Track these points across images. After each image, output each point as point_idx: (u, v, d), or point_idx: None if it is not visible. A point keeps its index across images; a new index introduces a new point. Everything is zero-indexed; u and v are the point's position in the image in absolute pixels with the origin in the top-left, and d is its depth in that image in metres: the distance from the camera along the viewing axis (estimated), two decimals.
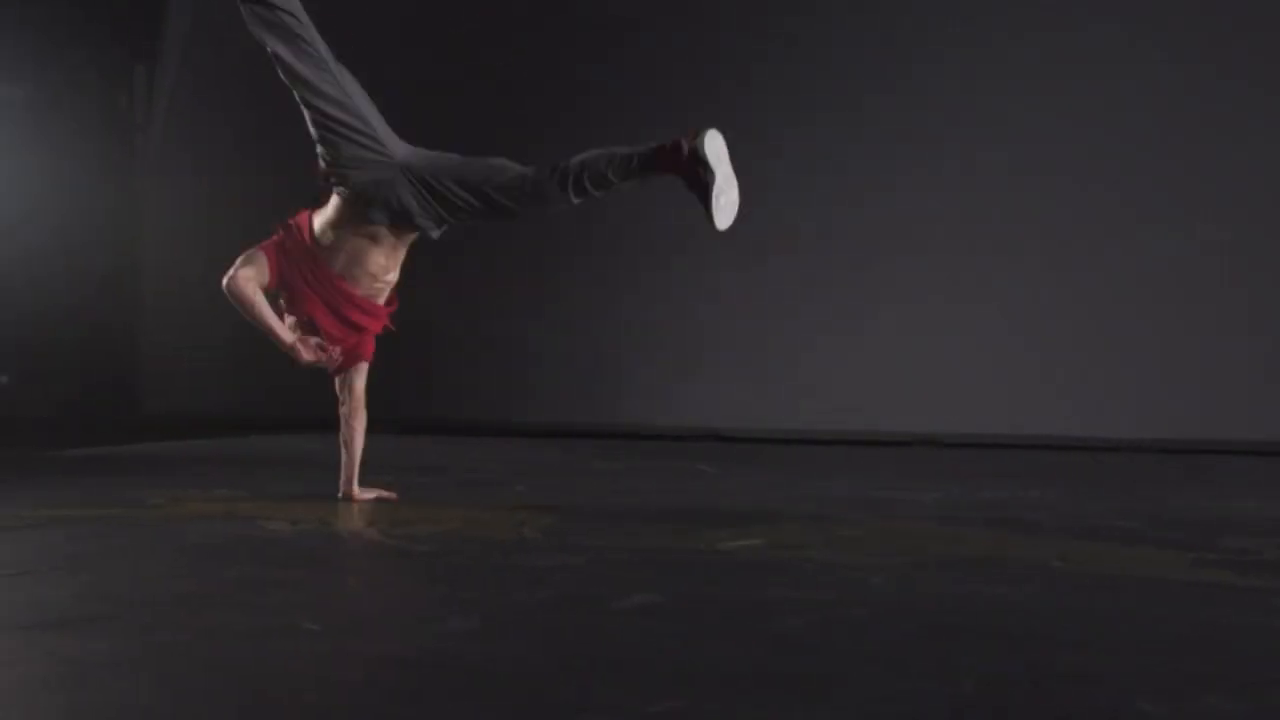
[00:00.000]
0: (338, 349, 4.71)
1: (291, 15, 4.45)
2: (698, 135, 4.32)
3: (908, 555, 3.75)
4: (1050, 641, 2.71)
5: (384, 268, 4.71)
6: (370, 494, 4.93)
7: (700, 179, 4.32)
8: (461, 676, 2.46)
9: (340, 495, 4.92)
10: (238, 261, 4.63)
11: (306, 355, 4.65)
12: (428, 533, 4.17)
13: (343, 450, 4.91)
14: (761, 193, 8.15)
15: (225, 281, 4.59)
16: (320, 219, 4.67)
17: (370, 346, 4.86)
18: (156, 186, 10.34)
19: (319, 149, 4.59)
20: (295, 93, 4.54)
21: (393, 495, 4.97)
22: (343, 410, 4.90)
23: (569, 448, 7.69)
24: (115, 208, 10.33)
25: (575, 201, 4.44)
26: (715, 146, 4.34)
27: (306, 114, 4.56)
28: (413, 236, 4.69)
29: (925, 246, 7.91)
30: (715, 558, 3.75)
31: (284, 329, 4.63)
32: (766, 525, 4.38)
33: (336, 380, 4.91)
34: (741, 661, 2.56)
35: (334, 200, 4.65)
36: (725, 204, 4.37)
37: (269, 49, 4.48)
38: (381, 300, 4.79)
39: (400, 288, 4.87)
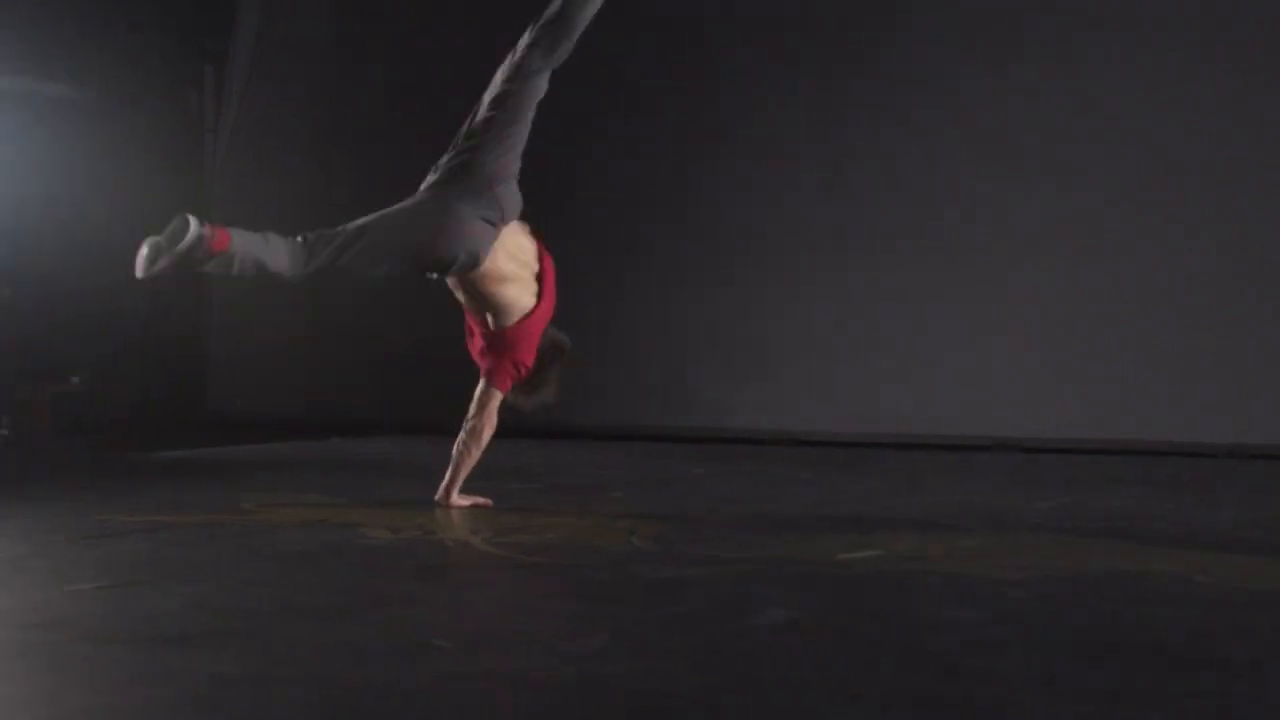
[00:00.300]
0: None
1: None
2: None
3: (1040, 569, 3.60)
4: (1228, 667, 2.55)
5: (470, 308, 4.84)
6: (466, 501, 4.82)
7: None
8: (607, 699, 2.34)
9: (437, 500, 4.82)
10: None
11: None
12: (535, 542, 4.06)
13: (454, 457, 4.83)
14: (834, 195, 8.15)
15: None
16: None
17: (501, 378, 4.80)
18: (226, 187, 10.28)
19: None
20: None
21: (488, 502, 4.86)
22: (469, 422, 4.80)
23: (650, 451, 7.55)
24: (184, 209, 10.28)
25: None
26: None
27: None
28: (451, 276, 4.71)
29: (987, 248, 7.74)
30: (839, 570, 3.62)
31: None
32: (880, 534, 4.23)
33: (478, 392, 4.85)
34: (902, 685, 2.42)
35: None
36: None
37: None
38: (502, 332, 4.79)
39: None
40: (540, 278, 4.78)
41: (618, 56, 8.54)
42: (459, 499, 4.81)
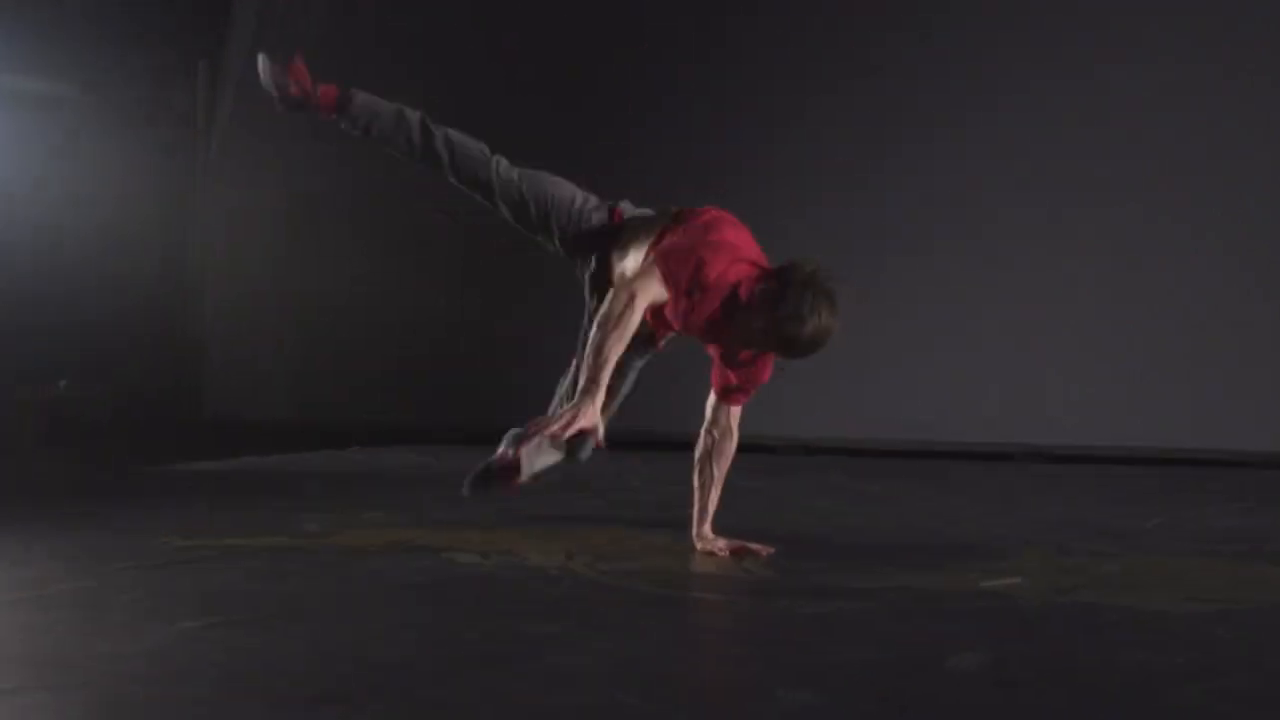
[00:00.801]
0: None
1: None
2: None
3: (1217, 599, 3.33)
4: None
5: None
6: (732, 545, 3.96)
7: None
8: None
9: (697, 544, 4.02)
10: None
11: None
12: (644, 570, 3.76)
13: (697, 487, 4.04)
14: (892, 196, 7.87)
15: None
16: None
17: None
18: (220, 186, 9.93)
19: None
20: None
21: (767, 550, 3.95)
22: (707, 439, 4.03)
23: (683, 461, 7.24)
24: (178, 208, 9.92)
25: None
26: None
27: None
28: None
29: (1000, 249, 7.53)
30: (996, 601, 3.33)
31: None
32: (1010, 559, 3.95)
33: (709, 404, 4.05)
34: None
35: None
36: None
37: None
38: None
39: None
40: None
41: (601, 56, 8.35)
42: (725, 544, 3.99)
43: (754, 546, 3.93)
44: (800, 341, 3.56)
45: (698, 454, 4.05)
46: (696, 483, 4.05)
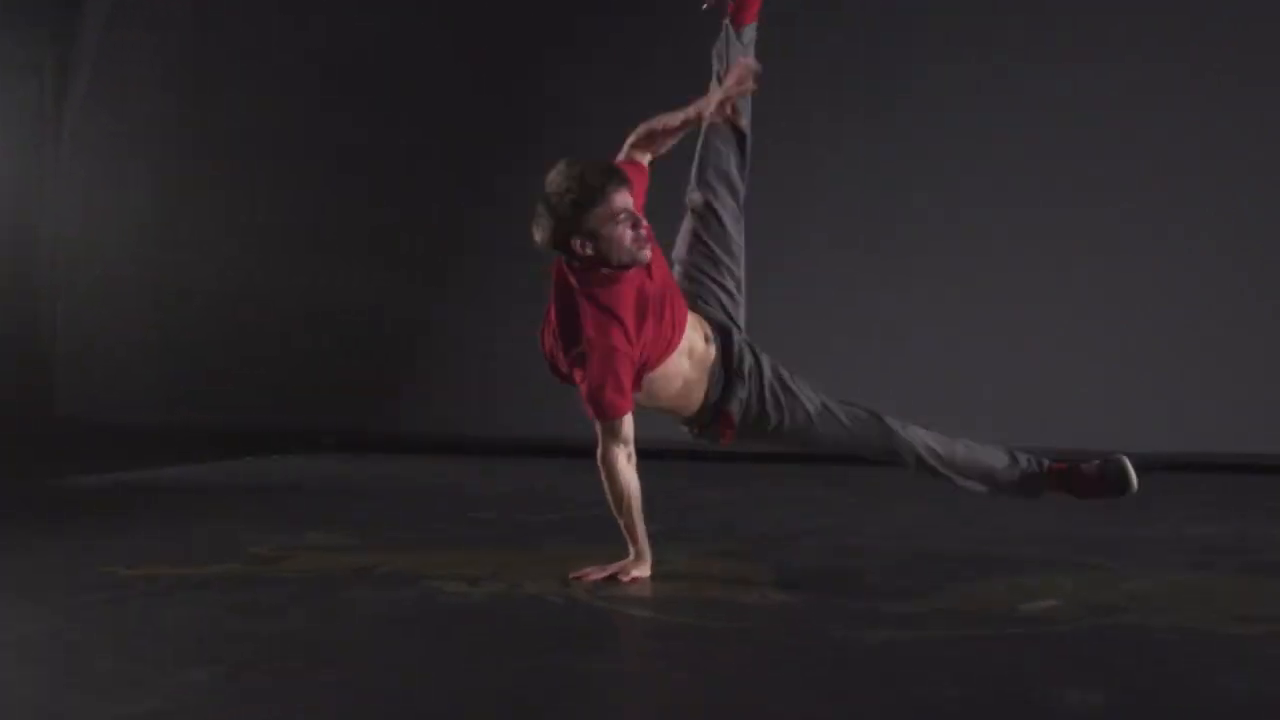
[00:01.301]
0: None
1: None
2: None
3: (1265, 618, 3.22)
4: None
5: None
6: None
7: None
8: None
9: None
10: None
11: None
12: (658, 596, 3.52)
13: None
14: (915, 196, 7.68)
15: None
16: None
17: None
18: (73, 172, 9.34)
19: None
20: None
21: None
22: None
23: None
24: (28, 194, 9.30)
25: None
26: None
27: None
28: None
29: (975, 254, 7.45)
30: (1051, 627, 3.16)
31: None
32: (1026, 575, 3.80)
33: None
34: None
35: None
36: None
37: None
38: None
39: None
40: None
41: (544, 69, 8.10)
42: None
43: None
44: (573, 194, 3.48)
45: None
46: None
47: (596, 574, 3.68)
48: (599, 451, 3.63)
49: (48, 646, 2.90)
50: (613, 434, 3.58)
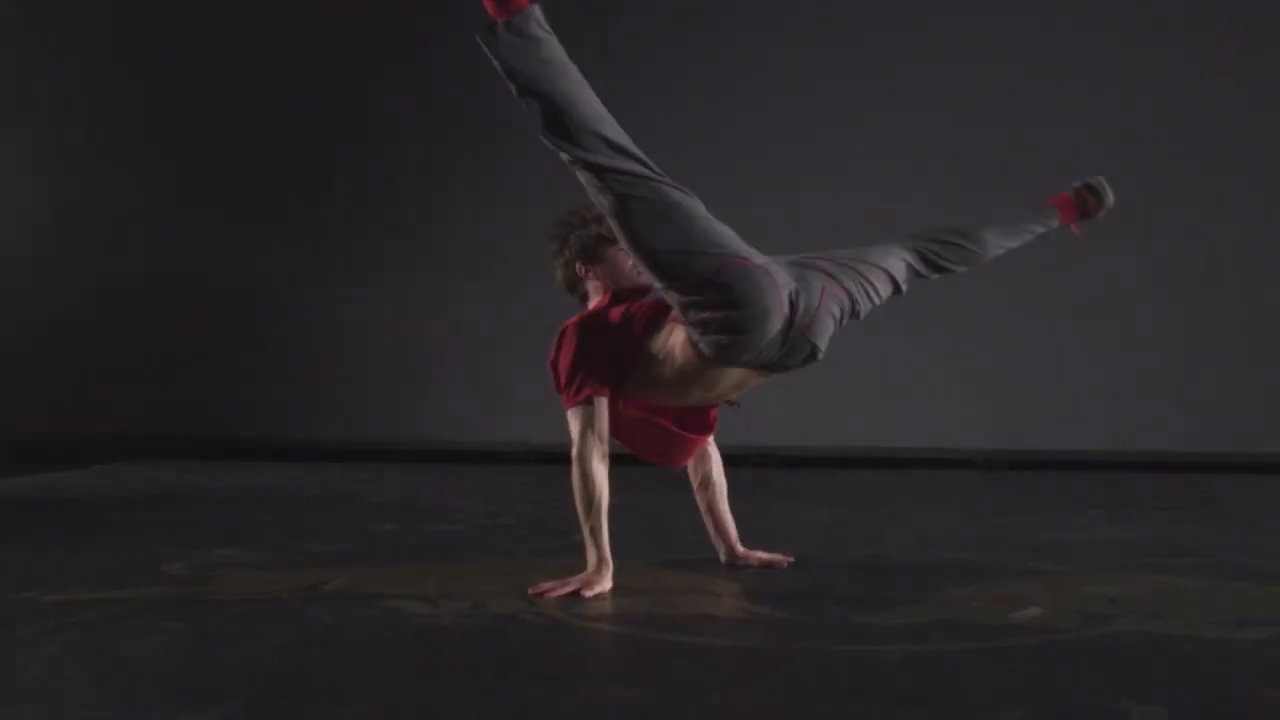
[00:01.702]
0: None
1: None
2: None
3: (1259, 621, 3.19)
4: None
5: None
6: (769, 557, 4.05)
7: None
8: None
9: (738, 561, 4.03)
10: None
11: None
12: (617, 611, 3.34)
13: (706, 513, 4.09)
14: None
15: None
16: None
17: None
18: None
19: None
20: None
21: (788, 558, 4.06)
22: (697, 463, 4.05)
23: (498, 474, 6.81)
24: None
25: None
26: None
27: None
28: None
29: None
30: (1053, 636, 3.07)
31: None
32: (1003, 583, 3.73)
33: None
34: None
35: None
36: None
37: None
38: None
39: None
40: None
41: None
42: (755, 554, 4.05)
43: (778, 557, 4.02)
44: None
45: (695, 483, 4.05)
46: (704, 509, 4.05)
47: (559, 589, 3.52)
48: (575, 448, 3.54)
49: (14, 693, 2.58)
50: (589, 422, 3.54)
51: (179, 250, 8.12)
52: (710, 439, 3.96)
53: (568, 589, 3.51)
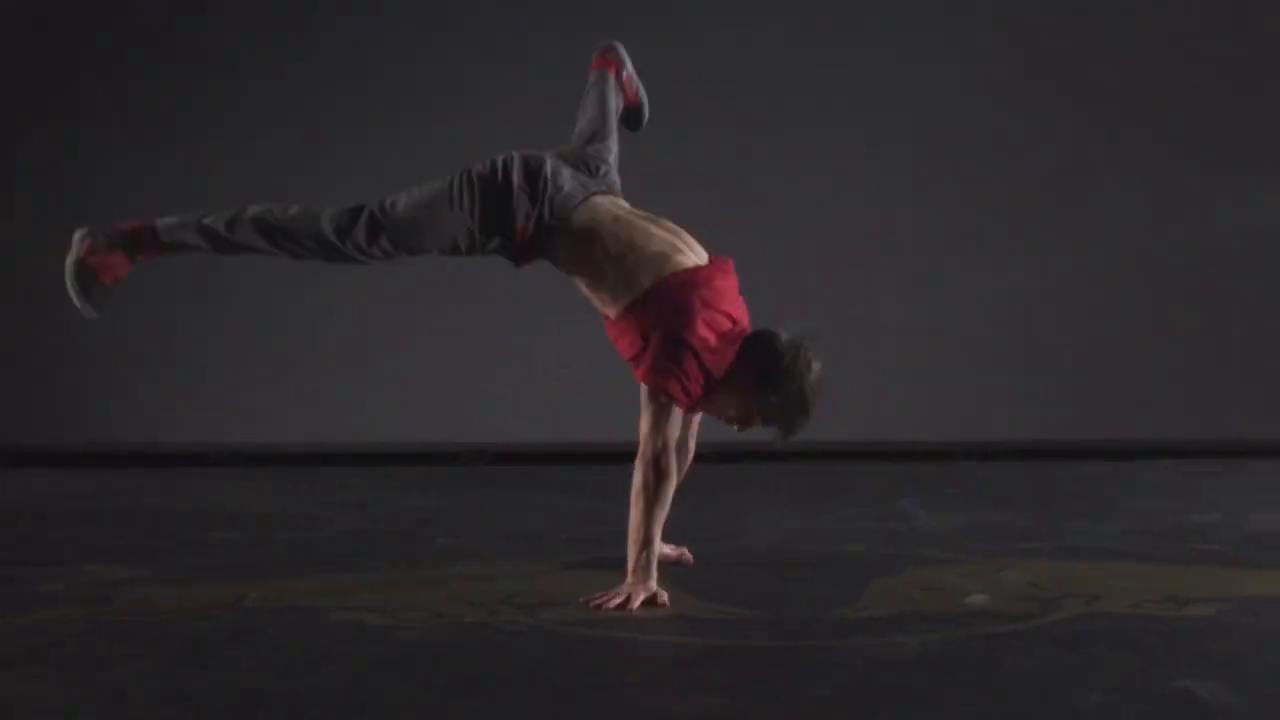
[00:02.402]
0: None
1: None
2: None
3: (1188, 598, 3.39)
4: None
5: None
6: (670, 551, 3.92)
7: None
8: None
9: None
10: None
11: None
12: (585, 616, 3.27)
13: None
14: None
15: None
16: None
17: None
18: None
19: None
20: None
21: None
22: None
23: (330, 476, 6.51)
24: None
25: None
26: None
27: None
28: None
29: None
30: (1020, 624, 3.17)
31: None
32: (918, 573, 3.82)
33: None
34: None
35: None
36: None
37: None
38: None
39: None
40: None
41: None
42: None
43: (685, 553, 3.98)
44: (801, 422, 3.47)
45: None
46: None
47: (612, 600, 3.33)
48: (651, 448, 3.40)
49: None
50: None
51: None
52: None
53: (619, 599, 3.33)
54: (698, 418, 3.81)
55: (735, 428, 3.54)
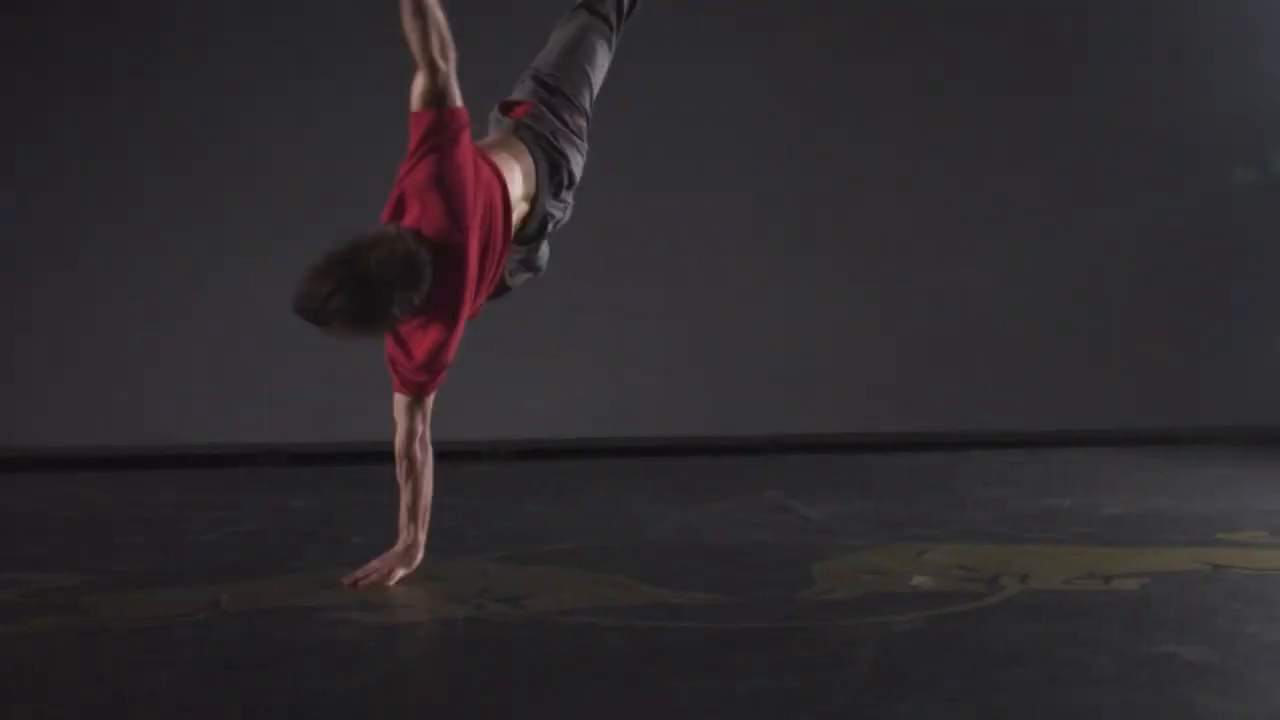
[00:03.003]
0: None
1: None
2: None
3: (1107, 574, 3.70)
4: None
5: None
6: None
7: None
8: None
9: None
10: None
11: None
12: (567, 604, 3.39)
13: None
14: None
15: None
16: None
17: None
18: None
19: None
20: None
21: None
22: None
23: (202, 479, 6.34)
24: None
25: None
26: None
27: None
28: None
29: None
30: (980, 603, 3.41)
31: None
32: (845, 557, 4.04)
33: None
34: None
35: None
36: None
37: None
38: None
39: None
40: None
41: None
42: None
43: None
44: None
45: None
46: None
47: (376, 573, 3.55)
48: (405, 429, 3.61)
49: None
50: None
51: None
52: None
53: (386, 570, 3.56)
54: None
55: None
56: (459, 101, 3.41)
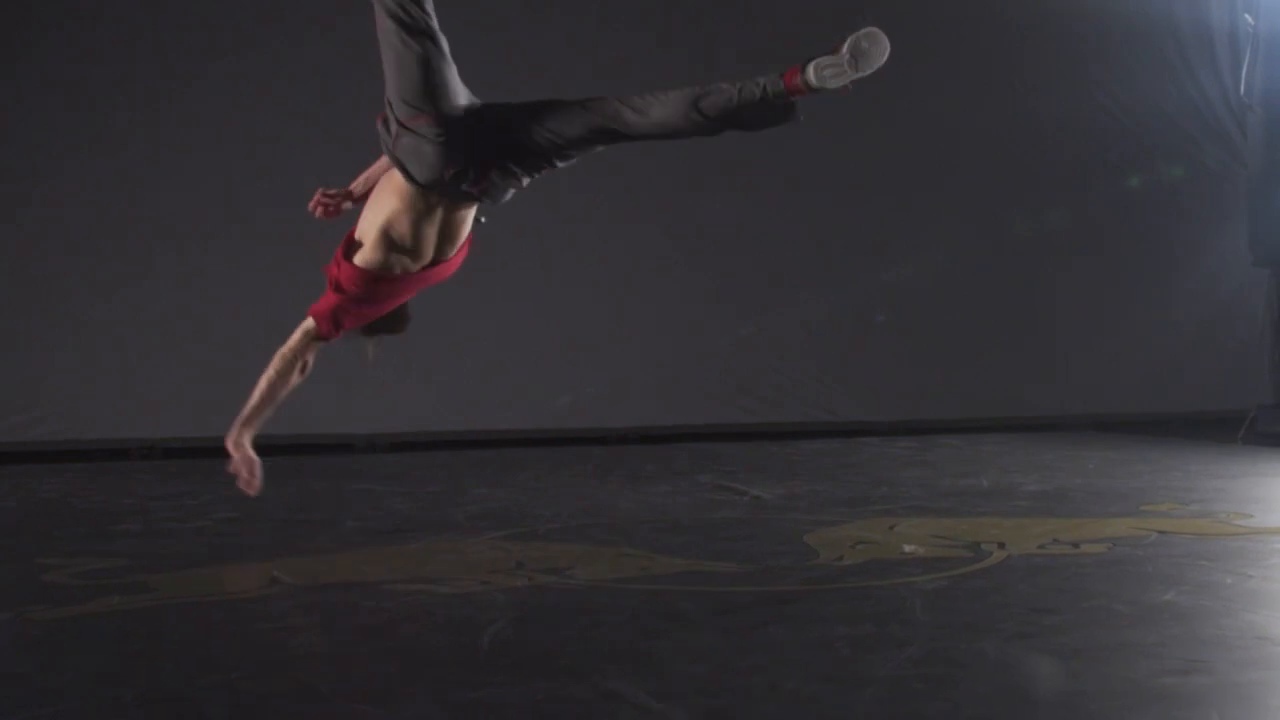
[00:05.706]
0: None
1: None
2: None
3: (1057, 542, 4.12)
4: None
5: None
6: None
7: None
8: None
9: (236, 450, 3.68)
10: None
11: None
12: (600, 573, 3.65)
13: (264, 395, 3.70)
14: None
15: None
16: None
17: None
18: None
19: None
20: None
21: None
22: (294, 369, 3.73)
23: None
24: None
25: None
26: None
27: None
28: None
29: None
30: (979, 566, 3.79)
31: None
32: (825, 532, 4.35)
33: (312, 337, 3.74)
34: None
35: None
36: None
37: None
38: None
39: None
40: None
41: None
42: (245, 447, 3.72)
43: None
44: None
45: (280, 369, 3.75)
46: (266, 391, 3.74)
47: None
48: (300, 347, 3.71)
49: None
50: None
51: None
52: None
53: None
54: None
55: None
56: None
